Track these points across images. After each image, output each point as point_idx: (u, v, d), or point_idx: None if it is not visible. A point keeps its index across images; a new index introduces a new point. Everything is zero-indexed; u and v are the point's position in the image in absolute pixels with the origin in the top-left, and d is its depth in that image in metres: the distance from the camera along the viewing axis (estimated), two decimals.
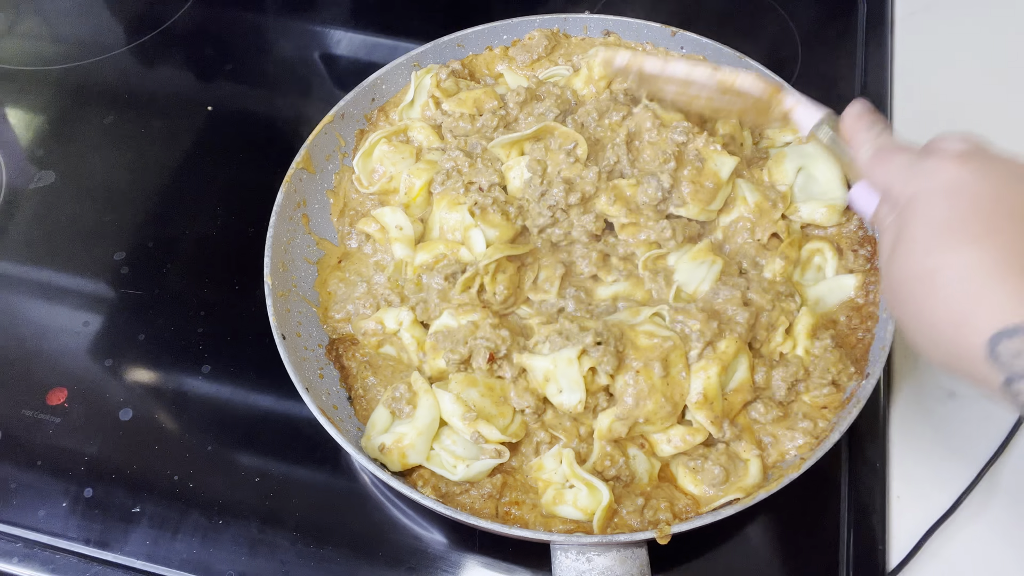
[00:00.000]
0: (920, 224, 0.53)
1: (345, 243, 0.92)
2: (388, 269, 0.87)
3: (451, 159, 0.87)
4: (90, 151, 1.11)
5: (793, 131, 0.93)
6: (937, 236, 0.51)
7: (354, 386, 0.81)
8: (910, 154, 0.58)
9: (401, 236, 0.87)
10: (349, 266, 0.90)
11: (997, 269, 0.48)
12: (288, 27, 1.26)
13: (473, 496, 0.73)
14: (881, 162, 0.60)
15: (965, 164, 0.53)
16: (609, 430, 0.73)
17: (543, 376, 0.74)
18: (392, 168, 0.91)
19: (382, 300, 0.84)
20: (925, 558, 0.79)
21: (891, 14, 1.23)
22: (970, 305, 0.49)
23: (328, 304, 0.87)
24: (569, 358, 0.73)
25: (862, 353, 0.79)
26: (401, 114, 0.97)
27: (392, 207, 0.89)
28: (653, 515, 0.71)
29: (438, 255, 0.84)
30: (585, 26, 1.02)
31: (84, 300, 0.97)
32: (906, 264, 0.53)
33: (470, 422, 0.73)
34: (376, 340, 0.83)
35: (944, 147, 0.57)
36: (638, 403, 0.72)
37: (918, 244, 0.52)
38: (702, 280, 0.80)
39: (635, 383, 0.72)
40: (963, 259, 0.49)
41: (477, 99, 0.94)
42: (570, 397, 0.73)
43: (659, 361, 0.72)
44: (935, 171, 0.54)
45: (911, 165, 0.56)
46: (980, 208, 0.50)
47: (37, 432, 0.87)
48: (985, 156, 0.54)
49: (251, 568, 0.79)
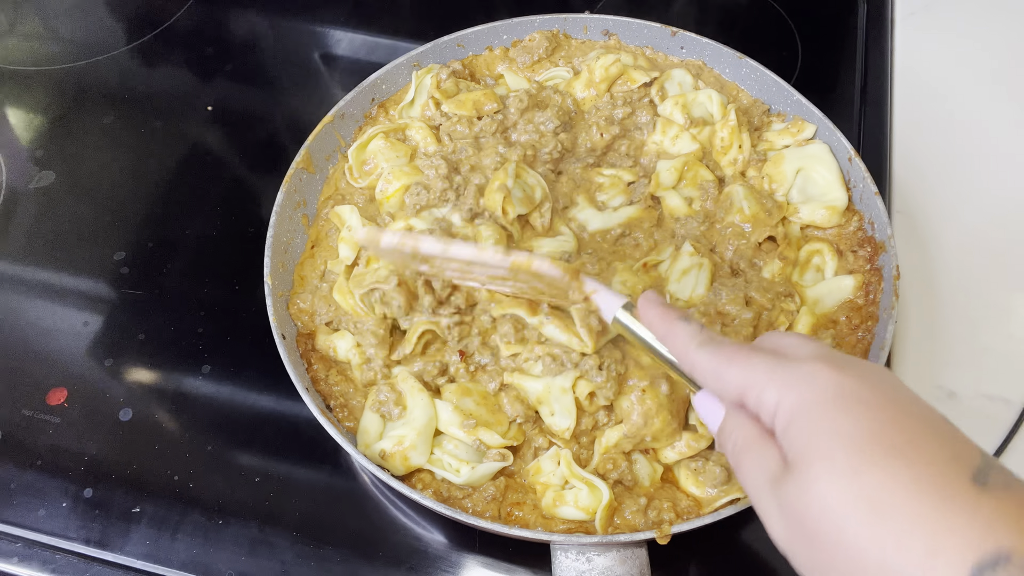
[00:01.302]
0: (820, 442, 0.43)
1: (318, 226, 0.91)
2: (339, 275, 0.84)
3: (433, 166, 0.87)
4: (90, 151, 1.11)
5: (792, 134, 0.92)
6: (848, 455, 0.42)
7: (321, 389, 0.80)
8: (766, 356, 0.49)
9: (348, 238, 0.86)
10: (319, 252, 0.89)
11: (938, 490, 0.40)
12: (288, 27, 1.26)
13: (476, 499, 0.73)
14: (729, 363, 0.50)
15: (842, 371, 0.45)
16: (617, 445, 0.73)
17: (535, 398, 0.75)
18: (384, 164, 0.90)
19: (339, 317, 0.82)
20: None
21: (891, 14, 1.23)
22: (927, 544, 0.39)
23: (298, 290, 0.85)
24: (563, 387, 0.73)
25: (862, 353, 0.79)
26: (401, 112, 0.97)
27: (351, 206, 0.88)
28: (657, 515, 0.71)
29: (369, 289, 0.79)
30: (585, 26, 1.02)
31: (84, 300, 0.97)
32: (813, 493, 0.42)
33: (470, 429, 0.73)
34: (332, 356, 0.82)
35: (796, 350, 0.49)
36: (647, 422, 0.71)
37: (826, 467, 0.42)
38: (694, 286, 0.80)
39: (641, 403, 0.72)
40: (892, 481, 0.40)
41: (476, 101, 0.94)
42: (561, 421, 0.74)
43: (664, 378, 0.72)
44: (812, 377, 0.46)
45: (775, 369, 0.47)
46: (884, 417, 0.43)
47: (37, 432, 0.87)
48: (848, 361, 0.47)
49: (251, 568, 0.79)
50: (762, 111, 0.96)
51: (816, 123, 0.92)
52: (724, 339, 0.53)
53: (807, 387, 0.46)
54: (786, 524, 0.45)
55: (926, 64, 1.16)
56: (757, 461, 0.48)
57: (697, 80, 0.98)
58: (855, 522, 0.41)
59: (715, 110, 0.94)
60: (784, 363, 0.48)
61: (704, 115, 0.95)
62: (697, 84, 0.98)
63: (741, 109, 0.95)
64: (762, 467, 0.47)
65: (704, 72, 1.00)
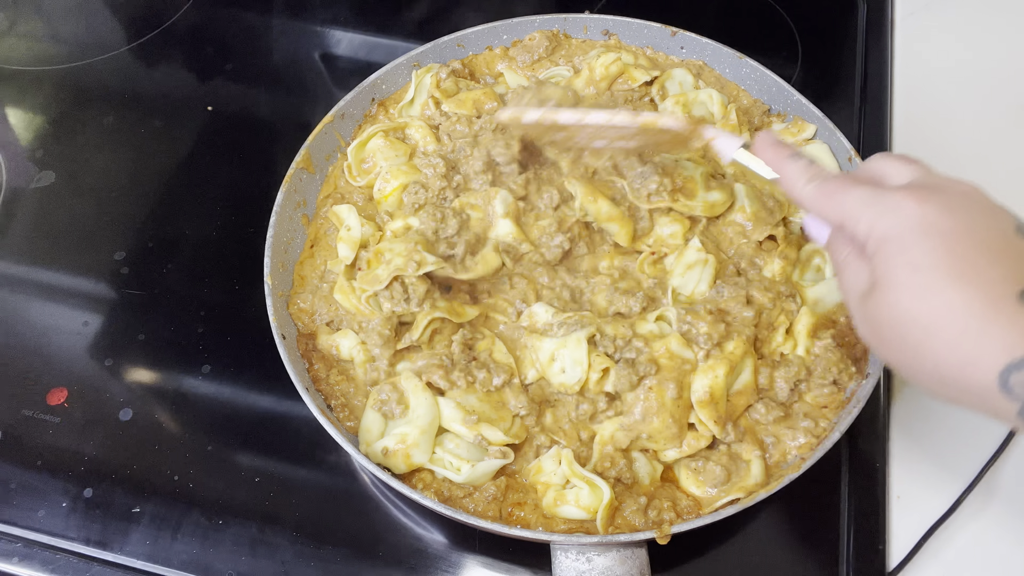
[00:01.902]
0: (900, 268, 0.53)
1: (317, 225, 0.90)
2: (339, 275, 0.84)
3: (431, 165, 0.87)
4: (90, 151, 1.11)
5: (792, 134, 0.93)
6: (922, 280, 0.51)
7: (323, 389, 0.79)
8: (862, 189, 0.57)
9: (347, 237, 0.85)
10: (319, 251, 0.89)
11: (989, 305, 0.49)
12: (288, 27, 1.26)
13: (476, 499, 0.73)
14: (830, 197, 0.58)
15: (927, 201, 0.53)
16: (612, 438, 0.73)
17: (548, 356, 0.75)
18: (384, 163, 0.90)
19: (339, 316, 0.82)
20: (925, 558, 0.79)
21: (891, 14, 1.23)
22: (973, 345, 0.49)
23: (298, 289, 0.85)
24: (579, 338, 0.74)
25: (862, 353, 0.79)
26: (400, 111, 0.97)
27: (349, 206, 0.87)
28: (657, 515, 0.71)
29: None
30: (585, 26, 1.02)
31: (84, 300, 0.97)
32: (894, 309, 0.53)
33: (472, 425, 0.73)
34: (335, 355, 0.81)
35: (893, 178, 0.57)
36: (645, 418, 0.72)
37: (904, 289, 0.52)
38: (698, 281, 0.81)
39: (645, 399, 0.72)
40: (954, 300, 0.50)
41: (476, 100, 0.94)
42: (572, 375, 0.74)
43: (675, 382, 0.73)
44: (898, 209, 0.54)
45: (869, 202, 0.56)
46: (956, 246, 0.51)
47: (37, 432, 0.87)
48: (937, 187, 0.54)
49: (251, 568, 0.79)
50: (762, 111, 0.96)
51: (816, 123, 0.92)
52: (828, 173, 0.60)
53: (892, 219, 0.53)
54: (869, 328, 0.57)
55: (926, 64, 1.16)
56: (852, 277, 0.58)
57: (697, 80, 0.99)
58: (918, 333, 0.52)
59: (716, 109, 0.94)
60: (876, 196, 0.55)
61: (704, 115, 0.95)
62: (697, 84, 0.98)
63: (741, 109, 0.95)
64: (855, 283, 0.57)
65: (704, 72, 1.00)
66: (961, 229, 0.52)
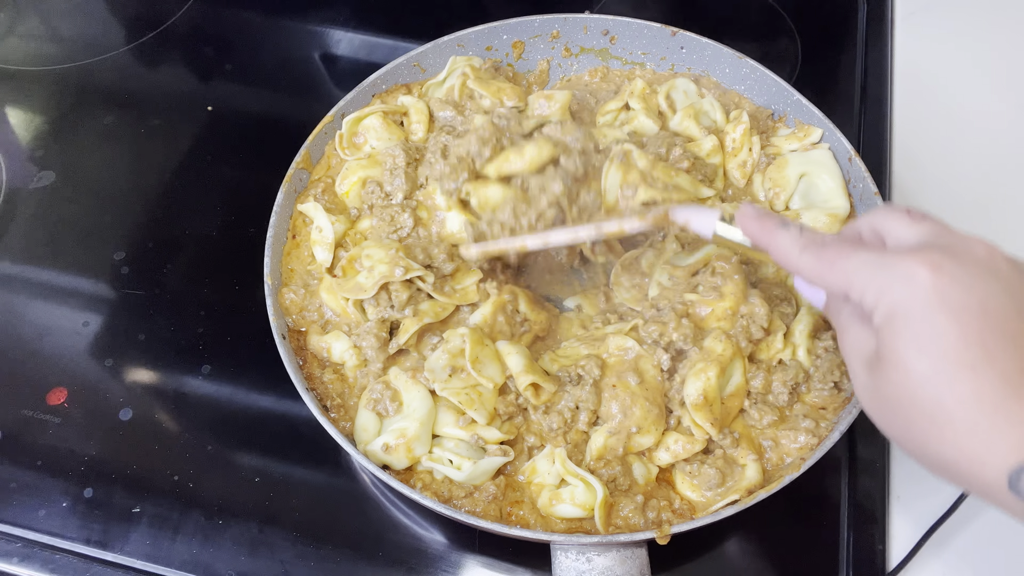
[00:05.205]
0: (908, 348, 0.49)
1: (296, 216, 0.89)
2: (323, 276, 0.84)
3: (391, 155, 0.87)
4: (90, 151, 1.11)
5: (799, 138, 0.92)
6: (931, 365, 0.48)
7: (317, 388, 0.79)
8: (866, 254, 0.52)
9: (320, 240, 0.85)
10: (302, 241, 0.88)
11: (1000, 399, 0.46)
12: (288, 27, 1.26)
13: (476, 499, 0.73)
14: (831, 265, 0.54)
15: (940, 270, 0.48)
16: (605, 448, 0.72)
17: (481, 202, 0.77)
18: (375, 142, 0.90)
19: (327, 316, 0.82)
20: (925, 558, 0.79)
21: (891, 14, 1.23)
22: (982, 443, 0.47)
23: (287, 281, 0.84)
24: None
25: None
26: (426, 89, 0.97)
27: (314, 203, 0.86)
28: (656, 515, 0.71)
29: None
30: (585, 26, 1.02)
31: (84, 300, 0.97)
32: (899, 390, 0.50)
33: (467, 424, 0.73)
34: (326, 358, 0.81)
35: (899, 238, 0.53)
36: (626, 413, 0.72)
37: (911, 372, 0.49)
38: None
39: (616, 397, 0.73)
40: (964, 392, 0.47)
41: (502, 89, 0.94)
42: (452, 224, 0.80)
43: (631, 371, 0.74)
44: (909, 279, 0.49)
45: (875, 269, 0.51)
46: (968, 328, 0.47)
47: (37, 432, 0.87)
48: (951, 251, 0.50)
49: (251, 568, 0.79)
50: (766, 116, 0.96)
51: (816, 123, 0.92)
52: (824, 238, 0.56)
53: (902, 291, 0.49)
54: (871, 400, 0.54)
55: (926, 64, 1.16)
56: (855, 343, 0.55)
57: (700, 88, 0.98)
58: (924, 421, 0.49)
59: (718, 117, 0.95)
60: (883, 263, 0.51)
61: (709, 124, 0.95)
62: (701, 92, 0.98)
63: None
64: (858, 349, 0.54)
65: (702, 79, 1.00)
66: (975, 306, 0.48)
